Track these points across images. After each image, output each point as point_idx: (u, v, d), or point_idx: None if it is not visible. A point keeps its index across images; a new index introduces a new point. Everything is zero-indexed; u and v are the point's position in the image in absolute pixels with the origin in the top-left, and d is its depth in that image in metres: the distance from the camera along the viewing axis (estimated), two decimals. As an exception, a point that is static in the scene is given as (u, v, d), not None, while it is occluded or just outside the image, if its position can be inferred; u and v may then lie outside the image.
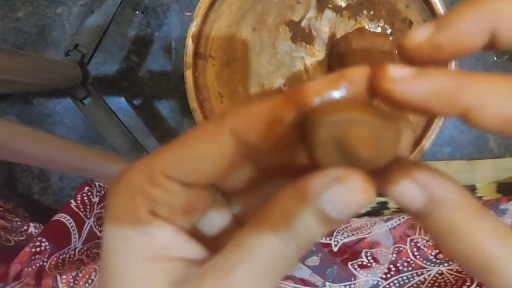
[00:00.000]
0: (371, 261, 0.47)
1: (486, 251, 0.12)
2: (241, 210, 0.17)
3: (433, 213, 0.12)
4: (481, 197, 0.55)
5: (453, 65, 0.40)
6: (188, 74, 0.42)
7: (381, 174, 0.13)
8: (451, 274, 0.44)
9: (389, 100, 0.12)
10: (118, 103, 0.60)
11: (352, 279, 0.46)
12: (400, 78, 0.12)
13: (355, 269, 0.46)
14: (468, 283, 0.40)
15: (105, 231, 0.14)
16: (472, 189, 0.56)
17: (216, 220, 0.16)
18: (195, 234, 0.15)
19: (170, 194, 0.13)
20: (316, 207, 0.12)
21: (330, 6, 0.46)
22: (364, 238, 0.49)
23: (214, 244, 0.15)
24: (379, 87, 0.12)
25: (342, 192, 0.12)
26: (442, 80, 0.12)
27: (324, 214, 0.12)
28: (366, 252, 0.47)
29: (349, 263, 0.47)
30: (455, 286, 0.41)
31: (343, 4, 0.46)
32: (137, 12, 0.59)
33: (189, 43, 0.42)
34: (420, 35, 0.13)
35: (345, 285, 0.46)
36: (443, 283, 0.44)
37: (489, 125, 0.11)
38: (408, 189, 0.12)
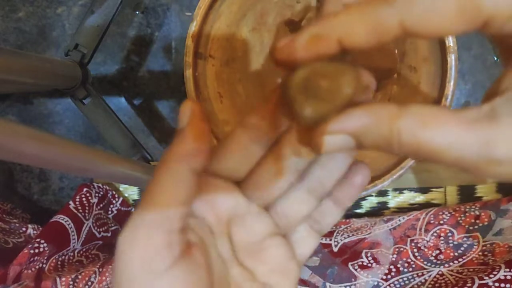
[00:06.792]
0: (372, 261, 0.47)
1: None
2: None
3: (367, 135, 0.14)
4: (481, 197, 0.55)
5: (453, 63, 0.40)
6: (188, 74, 0.42)
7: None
8: (451, 275, 0.44)
9: (289, 63, 0.15)
10: (118, 103, 0.60)
11: (353, 279, 0.46)
12: (283, 46, 0.15)
13: (356, 269, 0.46)
14: (469, 284, 0.39)
15: None
16: (472, 189, 0.56)
17: None
18: None
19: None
20: None
21: (330, 6, 0.46)
22: (364, 238, 0.49)
23: None
24: (277, 60, 0.16)
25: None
26: (310, 30, 0.15)
27: None
28: (366, 253, 0.47)
29: (350, 263, 0.47)
30: (456, 287, 0.41)
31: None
32: (137, 12, 0.59)
33: (189, 43, 0.42)
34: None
35: (345, 286, 0.46)
36: (443, 284, 0.44)
37: (364, 42, 0.14)
38: (331, 144, 0.15)
